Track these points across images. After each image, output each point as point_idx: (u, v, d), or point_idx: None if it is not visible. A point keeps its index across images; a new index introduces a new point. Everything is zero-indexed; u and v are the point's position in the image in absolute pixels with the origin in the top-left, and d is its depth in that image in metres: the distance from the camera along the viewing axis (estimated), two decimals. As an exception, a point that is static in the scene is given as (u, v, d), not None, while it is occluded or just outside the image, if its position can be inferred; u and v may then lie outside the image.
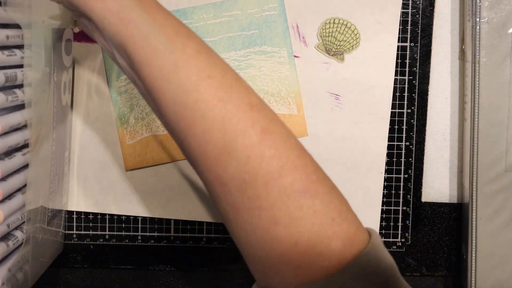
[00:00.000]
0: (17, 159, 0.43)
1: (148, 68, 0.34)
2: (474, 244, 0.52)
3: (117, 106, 0.53)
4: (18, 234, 0.43)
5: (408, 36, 0.54)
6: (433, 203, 0.56)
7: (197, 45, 0.35)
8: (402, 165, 0.55)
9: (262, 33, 0.53)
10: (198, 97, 0.34)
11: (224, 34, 0.53)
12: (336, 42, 0.53)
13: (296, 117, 0.54)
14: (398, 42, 0.53)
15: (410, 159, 0.55)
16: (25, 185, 0.44)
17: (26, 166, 0.45)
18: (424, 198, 0.56)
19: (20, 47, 0.43)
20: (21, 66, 0.42)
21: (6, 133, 0.42)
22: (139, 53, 0.34)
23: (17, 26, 0.42)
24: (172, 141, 0.53)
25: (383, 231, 0.55)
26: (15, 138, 0.43)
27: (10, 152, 0.43)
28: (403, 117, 0.54)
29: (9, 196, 0.43)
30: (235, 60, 0.53)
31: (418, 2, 0.53)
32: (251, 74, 0.53)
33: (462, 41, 0.54)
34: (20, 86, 0.43)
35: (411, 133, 0.55)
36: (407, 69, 0.54)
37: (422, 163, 0.55)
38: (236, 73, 0.36)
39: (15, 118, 0.42)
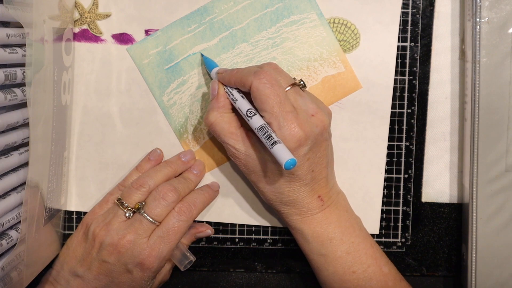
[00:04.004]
0: (14, 158, 0.43)
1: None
2: (474, 244, 0.52)
3: (172, 119, 0.53)
4: (13, 233, 0.43)
5: (408, 36, 0.54)
6: (433, 203, 0.56)
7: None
8: (402, 165, 0.55)
9: (286, 4, 0.52)
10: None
11: (250, 18, 0.52)
12: (336, 42, 0.53)
13: (345, 73, 0.53)
14: (398, 42, 0.53)
15: (410, 159, 0.55)
16: (20, 185, 0.44)
17: (22, 166, 0.45)
18: (424, 198, 0.55)
19: (21, 45, 0.43)
20: (21, 65, 0.42)
21: (3, 131, 0.42)
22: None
23: (18, 25, 0.42)
24: None
25: (383, 231, 0.55)
26: (12, 137, 0.43)
27: (7, 151, 0.43)
28: (403, 117, 0.54)
29: (3, 195, 0.43)
30: (269, 39, 0.52)
31: (418, 2, 0.53)
32: (288, 46, 0.53)
33: (462, 41, 0.54)
34: (20, 85, 0.43)
35: (411, 133, 0.54)
36: (407, 69, 0.54)
37: (422, 163, 0.55)
38: None
39: (13, 116, 0.42)
